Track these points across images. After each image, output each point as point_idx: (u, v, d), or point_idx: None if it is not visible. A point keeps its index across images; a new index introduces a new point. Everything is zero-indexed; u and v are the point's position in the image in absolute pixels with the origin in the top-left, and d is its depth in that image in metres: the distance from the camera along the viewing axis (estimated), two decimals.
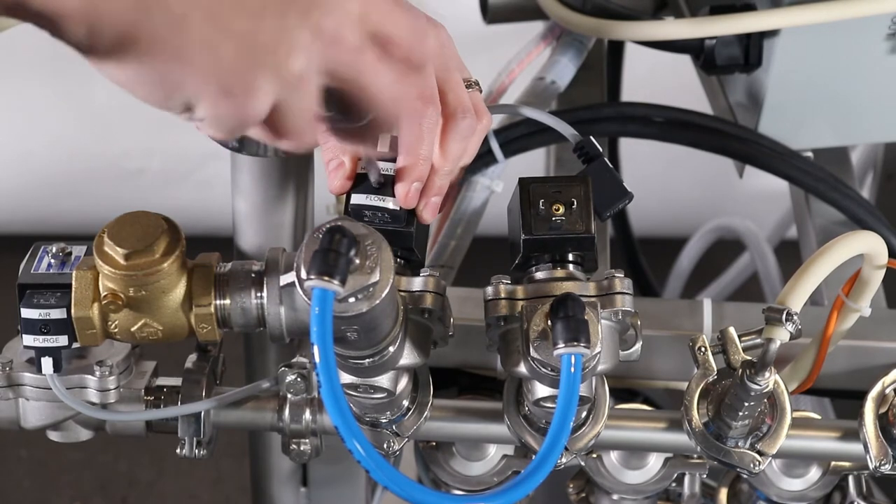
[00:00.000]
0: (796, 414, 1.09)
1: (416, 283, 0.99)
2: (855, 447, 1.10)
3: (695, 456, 1.18)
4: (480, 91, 1.03)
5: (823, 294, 1.27)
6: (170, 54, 0.79)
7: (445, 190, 1.02)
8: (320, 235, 0.88)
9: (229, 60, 0.80)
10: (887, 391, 1.09)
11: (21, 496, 2.45)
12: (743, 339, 1.06)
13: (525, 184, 1.01)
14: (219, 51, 0.80)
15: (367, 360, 0.97)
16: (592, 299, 0.98)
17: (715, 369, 1.07)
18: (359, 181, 1.01)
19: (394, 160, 1.00)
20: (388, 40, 0.88)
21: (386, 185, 1.00)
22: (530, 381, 1.02)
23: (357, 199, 1.00)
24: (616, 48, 1.61)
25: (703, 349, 1.06)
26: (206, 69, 0.80)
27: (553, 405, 0.96)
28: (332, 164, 1.01)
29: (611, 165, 1.04)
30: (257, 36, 0.81)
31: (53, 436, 1.14)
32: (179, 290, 1.00)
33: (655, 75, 1.93)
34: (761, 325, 1.05)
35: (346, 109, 0.88)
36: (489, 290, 1.01)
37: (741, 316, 1.23)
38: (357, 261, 0.89)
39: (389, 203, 1.00)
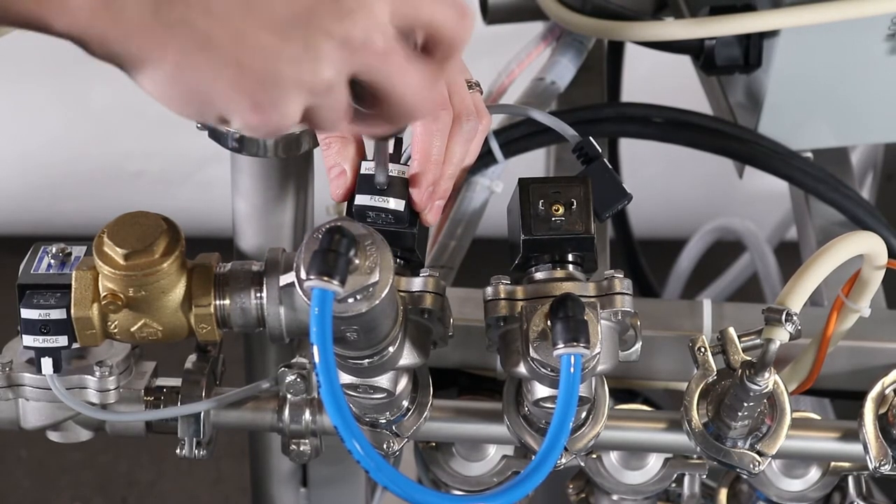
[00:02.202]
0: (796, 414, 1.09)
1: (416, 284, 0.99)
2: (855, 448, 1.10)
3: (694, 456, 1.18)
4: (481, 92, 1.04)
5: (823, 294, 1.27)
6: (197, 72, 0.80)
7: (450, 192, 1.02)
8: (320, 236, 0.88)
9: (256, 76, 0.81)
10: (887, 392, 1.09)
11: (21, 496, 2.45)
12: (743, 339, 1.06)
13: (525, 184, 1.01)
14: (245, 68, 0.81)
15: (367, 360, 0.97)
16: (592, 300, 0.98)
17: (715, 370, 1.07)
18: (362, 182, 1.00)
19: (397, 161, 1.00)
20: (427, 29, 0.87)
21: (391, 187, 1.00)
22: (530, 382, 1.02)
23: (361, 199, 1.00)
24: (616, 49, 1.61)
25: (702, 349, 1.06)
26: (234, 86, 0.81)
27: (553, 405, 0.96)
28: (334, 172, 1.01)
29: (610, 166, 1.04)
30: (283, 51, 0.81)
31: (53, 436, 1.14)
32: (179, 291, 1.00)
33: (655, 76, 1.93)
34: (761, 325, 1.05)
35: (370, 103, 0.88)
36: (489, 290, 1.01)
37: (741, 316, 1.23)
38: (357, 261, 0.89)
39: (392, 204, 1.00)
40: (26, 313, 1.01)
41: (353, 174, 1.01)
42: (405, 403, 1.07)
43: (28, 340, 1.02)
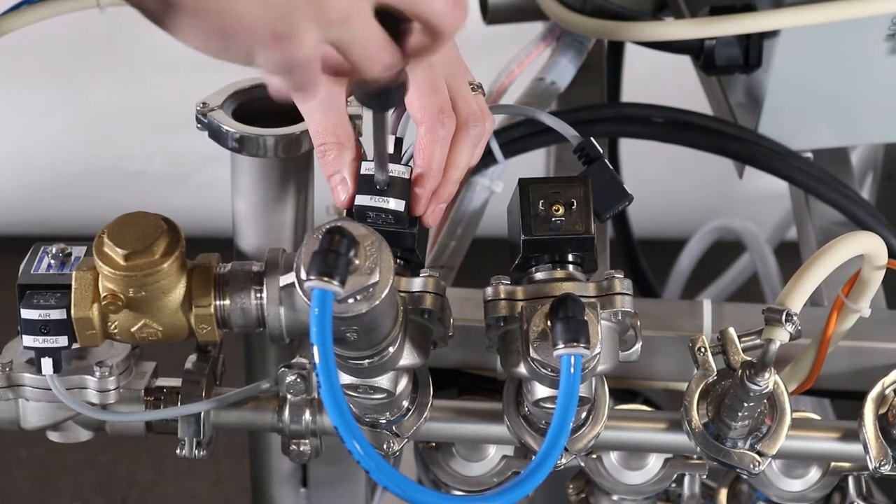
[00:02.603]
0: (796, 414, 1.09)
1: (416, 284, 0.99)
2: (855, 448, 1.10)
3: (694, 456, 1.18)
4: (483, 94, 1.04)
5: (823, 295, 1.27)
6: (221, 6, 0.83)
7: (452, 196, 1.02)
8: (320, 236, 0.88)
9: (276, 6, 0.83)
10: (887, 392, 1.09)
11: (21, 497, 2.45)
12: (743, 339, 1.06)
13: (525, 184, 1.01)
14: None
15: (367, 360, 0.97)
16: (592, 300, 0.98)
17: (715, 370, 1.07)
18: (362, 182, 1.01)
19: (398, 162, 1.00)
20: (421, 16, 0.89)
21: (392, 187, 1.00)
22: (530, 382, 1.02)
23: (361, 200, 1.00)
24: (616, 49, 1.61)
25: (702, 350, 1.06)
26: (254, 16, 0.83)
27: (553, 406, 0.96)
28: (336, 179, 1.01)
29: (611, 167, 1.04)
30: None
31: (53, 436, 1.14)
32: (179, 291, 1.00)
33: (655, 76, 1.93)
34: (761, 325, 1.05)
35: (399, 33, 0.89)
36: (489, 290, 1.01)
37: (741, 316, 1.23)
38: (357, 261, 0.89)
39: (392, 204, 1.00)
40: (26, 313, 1.01)
41: (354, 179, 1.01)
42: (405, 404, 1.07)
43: (28, 341, 1.02)
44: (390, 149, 1.01)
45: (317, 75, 0.87)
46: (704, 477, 1.22)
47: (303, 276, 0.88)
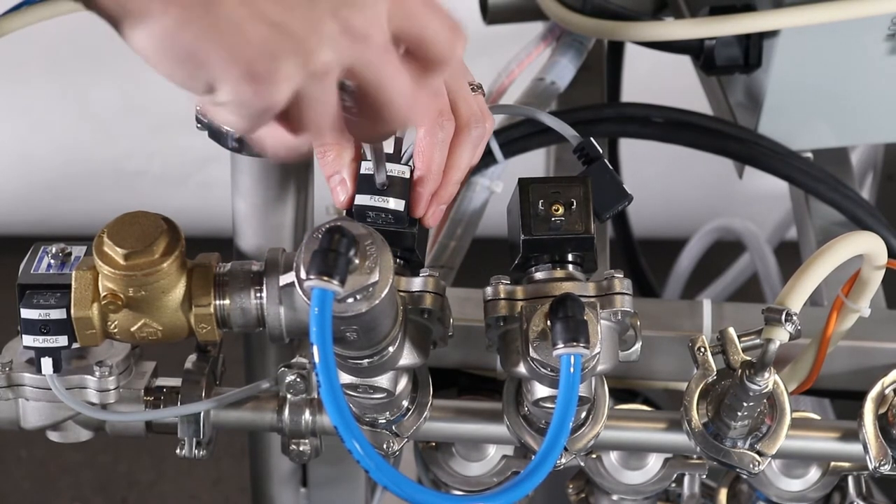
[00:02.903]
0: (796, 414, 1.09)
1: (416, 284, 0.99)
2: (854, 448, 1.10)
3: (694, 456, 1.18)
4: (483, 94, 1.04)
5: (823, 294, 1.27)
6: (199, 30, 0.79)
7: (453, 196, 1.02)
8: (320, 235, 0.88)
9: (257, 44, 0.80)
10: (887, 391, 1.09)
11: (21, 497, 2.45)
12: (742, 339, 1.06)
13: (524, 184, 1.01)
14: (248, 34, 0.80)
15: (367, 360, 0.97)
16: (592, 300, 0.98)
17: (714, 370, 1.07)
18: (362, 182, 1.01)
19: (398, 161, 1.00)
20: (418, 41, 0.87)
21: (391, 187, 1.00)
22: (530, 382, 1.02)
23: (360, 199, 1.00)
24: (616, 49, 1.61)
25: (702, 349, 1.06)
26: (233, 50, 0.80)
27: (552, 405, 0.96)
28: (335, 180, 1.01)
29: (611, 167, 1.04)
30: (288, 23, 0.80)
31: (53, 436, 1.14)
32: (179, 291, 1.00)
33: (655, 76, 1.93)
34: (761, 325, 1.05)
35: (360, 108, 0.88)
36: (489, 290, 1.01)
37: (741, 316, 1.23)
38: (356, 261, 0.89)
39: (392, 204, 1.00)
40: (26, 313, 1.01)
41: (353, 180, 1.01)
42: (405, 403, 1.07)
43: (28, 340, 1.02)
44: (389, 148, 1.01)
45: (296, 122, 0.85)
46: (704, 477, 1.22)
47: (302, 275, 0.88)
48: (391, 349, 0.97)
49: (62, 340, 1.02)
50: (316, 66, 0.82)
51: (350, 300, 0.90)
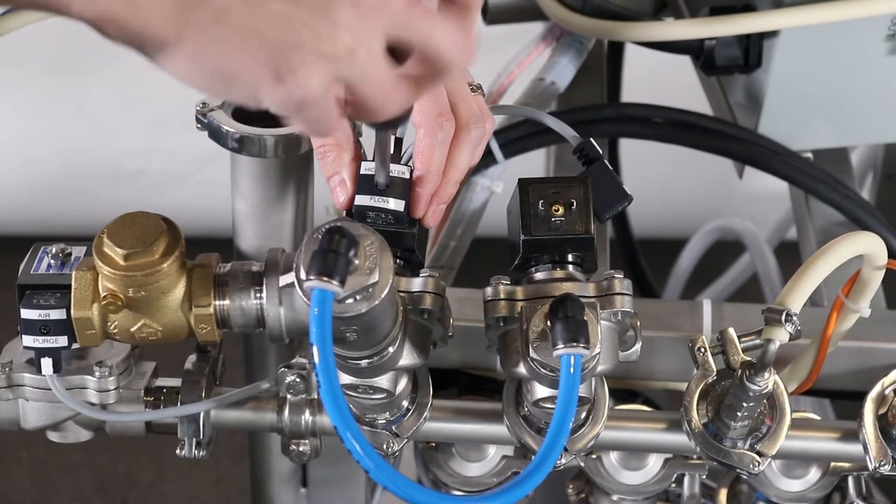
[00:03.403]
0: (796, 415, 1.09)
1: (416, 284, 0.99)
2: (854, 448, 1.10)
3: (694, 457, 1.18)
4: (483, 94, 1.04)
5: (823, 295, 1.27)
6: (218, 47, 0.80)
7: (453, 197, 1.02)
8: (320, 236, 0.88)
9: (274, 44, 0.80)
10: (887, 392, 1.09)
11: (21, 497, 2.45)
12: (742, 339, 1.06)
13: (525, 184, 1.01)
14: (263, 35, 0.80)
15: (367, 360, 0.97)
16: (592, 300, 0.98)
17: (714, 370, 1.07)
18: (362, 182, 1.00)
19: (398, 161, 1.00)
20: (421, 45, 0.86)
21: (391, 187, 1.00)
22: (530, 382, 1.02)
23: (360, 200, 1.00)
24: (616, 49, 1.61)
25: (702, 350, 1.06)
26: (254, 56, 0.80)
27: (552, 406, 0.96)
28: (335, 181, 1.01)
29: (611, 167, 1.04)
30: (297, 16, 0.80)
31: (53, 436, 1.14)
32: (179, 291, 1.00)
33: (655, 76, 1.93)
34: (761, 325, 1.05)
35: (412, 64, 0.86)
36: (488, 290, 1.01)
37: (741, 317, 1.23)
38: (356, 261, 0.89)
39: (392, 204, 1.00)
40: (26, 313, 1.01)
41: (353, 181, 1.00)
42: (405, 404, 1.07)
43: (28, 341, 1.02)
44: (390, 149, 1.01)
45: (331, 112, 0.83)
46: (704, 477, 1.22)
47: (302, 275, 0.88)
48: (391, 349, 0.97)
49: (62, 341, 1.02)
50: (338, 50, 0.81)
51: (350, 301, 0.90)
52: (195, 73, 0.81)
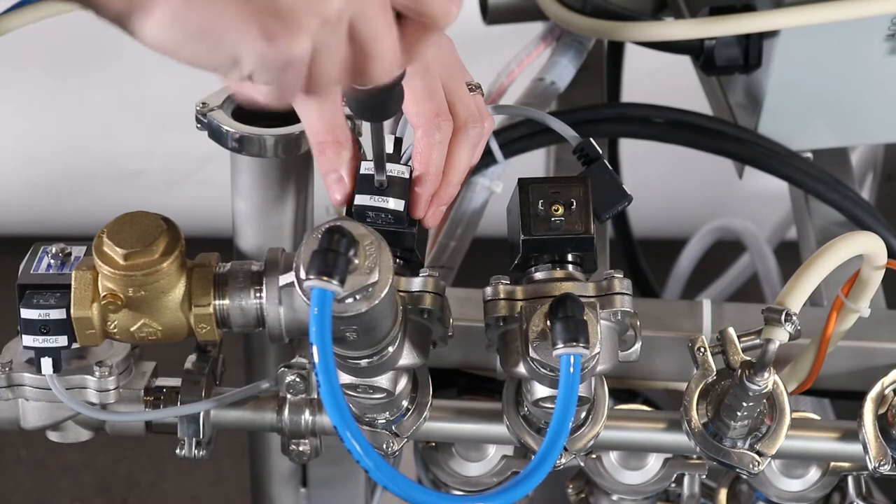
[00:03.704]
0: (796, 414, 1.09)
1: (416, 284, 0.99)
2: (854, 448, 1.10)
3: (694, 456, 1.18)
4: (482, 94, 1.04)
5: (823, 295, 1.27)
6: (204, 5, 0.78)
7: (453, 197, 1.02)
8: (319, 235, 0.88)
9: (266, 1, 0.79)
10: (886, 392, 1.09)
11: (21, 497, 2.45)
12: (742, 339, 1.06)
13: (524, 184, 1.01)
14: None
15: (367, 360, 0.97)
16: (592, 300, 0.98)
17: (714, 370, 1.07)
18: (361, 182, 1.00)
19: (397, 161, 1.00)
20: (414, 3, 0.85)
21: (391, 187, 1.00)
22: (529, 382, 1.02)
23: (360, 199, 1.00)
24: (616, 49, 1.61)
25: (702, 350, 1.06)
26: (243, 13, 0.79)
27: (552, 406, 0.96)
28: (332, 178, 1.01)
29: (610, 167, 1.04)
30: None
31: (53, 436, 1.14)
32: (179, 291, 1.01)
33: (655, 76, 1.93)
34: (761, 325, 1.05)
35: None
36: (488, 290, 1.01)
37: (741, 316, 1.23)
38: (356, 261, 0.89)
39: (392, 204, 1.00)
40: (26, 313, 1.01)
41: (352, 178, 1.00)
42: (405, 403, 1.07)
43: (28, 340, 1.02)
44: (389, 149, 1.01)
45: (307, 78, 0.82)
46: (704, 477, 1.22)
47: (302, 275, 0.88)
48: (391, 349, 0.97)
49: (62, 340, 1.02)
50: (329, 14, 0.80)
51: (350, 300, 0.90)
52: (178, 36, 0.79)
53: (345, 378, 1.00)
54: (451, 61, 1.00)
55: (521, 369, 0.99)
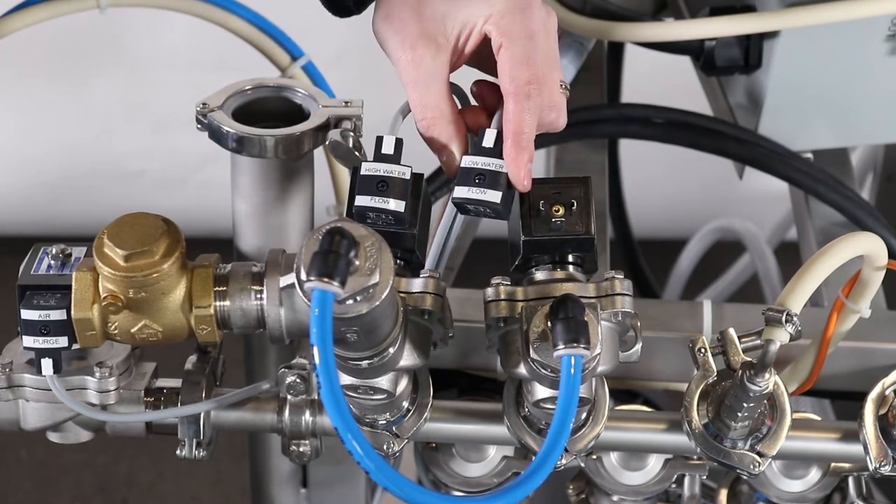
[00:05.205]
0: (796, 415, 1.09)
1: (416, 285, 0.99)
2: (855, 448, 1.10)
3: (695, 457, 1.18)
4: (568, 96, 1.04)
5: (823, 295, 1.27)
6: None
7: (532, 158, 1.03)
8: (320, 237, 0.88)
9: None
10: (887, 392, 1.09)
11: (21, 497, 2.45)
12: (743, 340, 1.06)
13: None
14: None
15: (367, 361, 0.97)
16: (592, 300, 0.98)
17: (715, 370, 1.07)
18: (362, 183, 1.00)
19: (397, 162, 1.00)
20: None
21: (391, 188, 0.99)
22: (530, 383, 1.02)
23: (361, 200, 1.00)
24: (616, 49, 1.61)
25: (702, 350, 1.06)
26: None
27: (553, 406, 0.96)
28: (443, 152, 1.02)
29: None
30: None
31: (53, 437, 1.14)
32: (179, 292, 1.00)
33: (655, 76, 1.93)
34: (761, 326, 1.05)
35: None
36: (489, 291, 1.01)
37: (741, 317, 1.23)
38: (357, 262, 0.89)
39: (392, 205, 1.00)
40: (26, 314, 1.01)
41: (462, 148, 1.02)
42: (405, 404, 1.07)
43: (28, 341, 1.02)
44: (391, 149, 1.01)
45: None
46: (704, 477, 1.22)
47: (303, 276, 0.88)
48: (391, 350, 0.97)
49: (62, 341, 1.02)
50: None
51: (350, 301, 0.90)
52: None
53: (345, 379, 1.00)
54: (552, 55, 1.02)
55: (522, 370, 0.99)
